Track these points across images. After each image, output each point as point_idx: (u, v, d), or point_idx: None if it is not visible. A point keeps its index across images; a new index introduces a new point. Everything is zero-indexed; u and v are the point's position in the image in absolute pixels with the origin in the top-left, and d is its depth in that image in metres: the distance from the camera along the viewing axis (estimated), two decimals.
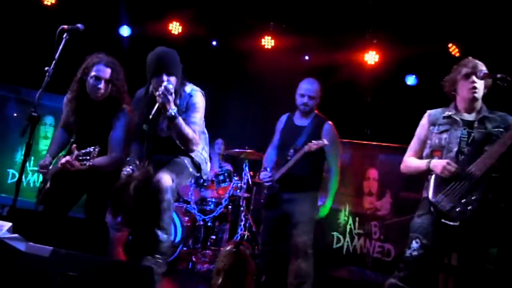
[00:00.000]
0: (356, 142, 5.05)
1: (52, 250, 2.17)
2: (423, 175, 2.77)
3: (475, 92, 2.70)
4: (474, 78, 2.69)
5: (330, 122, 3.62)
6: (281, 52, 6.17)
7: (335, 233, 4.67)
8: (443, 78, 2.92)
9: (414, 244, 2.63)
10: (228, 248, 2.07)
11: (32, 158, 5.56)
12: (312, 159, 3.47)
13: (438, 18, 5.22)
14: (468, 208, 2.56)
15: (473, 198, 2.57)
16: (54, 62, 2.90)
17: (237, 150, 5.12)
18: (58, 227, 3.17)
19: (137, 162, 2.94)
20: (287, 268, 3.45)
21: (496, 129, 2.64)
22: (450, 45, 5.49)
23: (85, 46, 3.59)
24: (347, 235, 4.61)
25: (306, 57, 6.40)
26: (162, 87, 2.77)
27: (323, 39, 5.88)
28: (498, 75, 2.58)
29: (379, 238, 4.50)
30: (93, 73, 3.08)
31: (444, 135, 2.72)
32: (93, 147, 2.85)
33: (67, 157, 2.92)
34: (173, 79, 2.88)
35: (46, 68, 2.88)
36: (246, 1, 5.87)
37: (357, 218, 4.62)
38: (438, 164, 2.64)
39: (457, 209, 2.57)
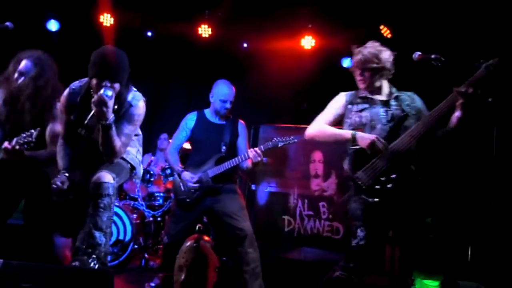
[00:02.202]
0: (299, 127, 5.14)
1: (2, 262, 2.07)
2: (340, 144, 2.81)
3: (361, 84, 2.84)
4: (356, 74, 2.83)
5: (242, 121, 3.82)
6: (219, 41, 6.13)
7: (285, 217, 4.76)
8: None
9: (360, 233, 2.63)
10: (188, 243, 2.07)
11: None
12: (234, 151, 3.67)
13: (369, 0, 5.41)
14: (387, 186, 2.60)
15: (392, 176, 2.61)
16: None
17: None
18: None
19: (66, 174, 2.77)
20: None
21: (408, 107, 2.77)
22: (381, 27, 5.70)
23: (15, 43, 3.40)
24: (298, 218, 4.72)
25: (245, 45, 6.41)
26: (98, 96, 2.53)
27: (260, 26, 5.91)
28: (432, 56, 2.71)
29: (327, 218, 4.65)
30: (18, 68, 2.95)
31: (364, 113, 2.78)
32: (33, 129, 2.73)
33: (6, 144, 2.77)
34: (116, 85, 2.65)
35: None
36: None
37: (305, 200, 4.73)
38: (366, 137, 2.64)
39: (376, 186, 2.62)
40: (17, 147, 2.72)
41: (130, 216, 4.62)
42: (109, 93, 2.56)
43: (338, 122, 2.91)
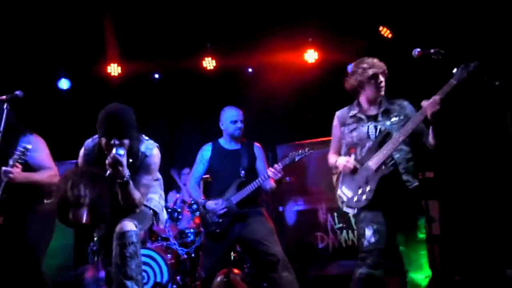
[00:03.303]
0: (314, 141, 5.13)
1: None
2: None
3: (382, 90, 2.94)
4: (381, 77, 2.94)
5: (257, 144, 3.89)
6: (225, 70, 6.21)
7: (318, 233, 4.72)
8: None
9: (368, 232, 2.78)
10: (219, 279, 2.08)
11: None
12: (254, 175, 3.68)
13: (365, 4, 5.42)
14: (363, 198, 2.82)
15: (367, 189, 2.81)
16: (0, 134, 2.85)
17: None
18: None
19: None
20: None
21: (396, 118, 2.91)
22: (381, 28, 5.68)
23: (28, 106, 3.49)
24: (330, 232, 4.67)
25: (250, 70, 6.47)
26: (111, 158, 2.58)
27: (261, 49, 5.97)
28: (432, 50, 2.76)
29: None
30: None
31: (354, 133, 2.96)
32: (23, 145, 2.85)
33: (4, 168, 2.84)
34: (126, 141, 2.70)
35: None
36: (178, 28, 5.88)
37: (335, 214, 4.68)
38: (340, 162, 2.95)
39: (354, 199, 2.86)
40: (16, 165, 2.82)
41: (165, 257, 4.64)
42: (121, 152, 2.61)
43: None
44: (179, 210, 5.29)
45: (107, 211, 2.64)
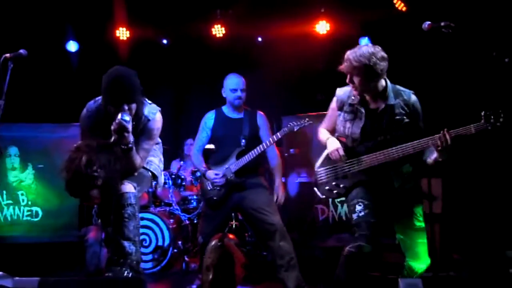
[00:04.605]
0: (320, 114, 5.08)
1: (39, 280, 2.16)
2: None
3: (356, 90, 2.71)
4: (348, 82, 2.71)
5: (260, 112, 3.82)
6: (234, 38, 6.14)
7: (318, 206, 4.74)
8: (393, 35, 2.95)
9: (358, 207, 2.70)
10: (213, 243, 2.11)
11: (4, 192, 5.40)
12: (256, 144, 3.62)
13: None
14: (334, 191, 2.84)
15: (341, 185, 2.80)
16: (4, 93, 2.84)
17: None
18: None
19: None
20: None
21: (399, 117, 2.69)
22: (395, 1, 5.55)
23: (34, 65, 3.45)
24: (330, 205, 4.69)
25: (259, 39, 6.39)
26: (117, 123, 2.56)
27: (272, 18, 5.87)
28: (442, 23, 2.67)
29: None
30: None
31: (348, 125, 2.79)
32: None
33: None
34: (133, 106, 2.68)
35: None
36: None
37: None
38: (331, 145, 2.82)
39: (326, 188, 2.87)
40: None
41: (167, 222, 4.70)
42: (127, 118, 2.59)
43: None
44: (182, 177, 5.33)
45: (119, 185, 2.66)
